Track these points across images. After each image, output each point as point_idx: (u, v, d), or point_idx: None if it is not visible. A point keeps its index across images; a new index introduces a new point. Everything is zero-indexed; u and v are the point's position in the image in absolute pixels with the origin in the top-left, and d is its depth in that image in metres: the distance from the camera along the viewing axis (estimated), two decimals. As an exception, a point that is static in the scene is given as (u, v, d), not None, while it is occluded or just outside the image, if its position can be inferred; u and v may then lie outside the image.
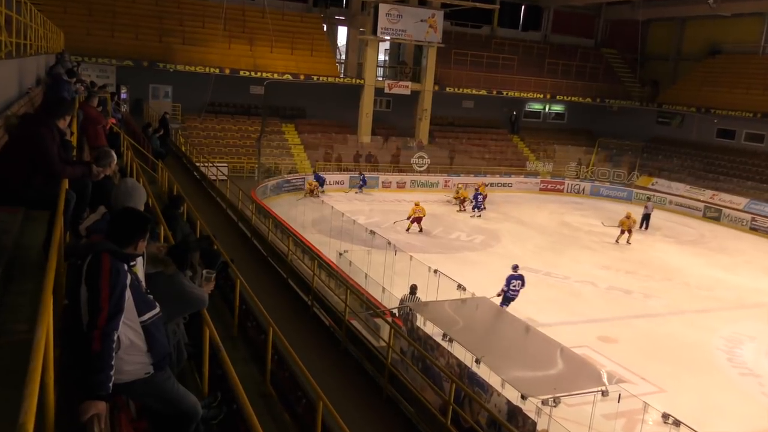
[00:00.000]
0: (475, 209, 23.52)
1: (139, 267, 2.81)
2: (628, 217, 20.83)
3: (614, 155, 32.10)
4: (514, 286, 12.80)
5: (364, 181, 25.93)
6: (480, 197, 23.63)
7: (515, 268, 13.20)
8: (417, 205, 20.17)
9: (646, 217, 23.51)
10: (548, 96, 33.03)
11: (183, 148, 20.25)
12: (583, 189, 29.95)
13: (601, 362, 11.37)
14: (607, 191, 29.53)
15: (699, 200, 27.24)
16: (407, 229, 19.90)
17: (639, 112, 33.77)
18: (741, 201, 26.30)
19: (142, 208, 3.31)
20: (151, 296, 2.74)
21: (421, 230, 20.00)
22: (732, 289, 17.22)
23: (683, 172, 29.95)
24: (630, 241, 20.34)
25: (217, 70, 25.82)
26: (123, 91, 24.67)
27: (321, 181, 24.84)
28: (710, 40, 32.70)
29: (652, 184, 29.65)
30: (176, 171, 13.44)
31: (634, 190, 29.09)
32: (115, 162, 4.74)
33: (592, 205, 27.90)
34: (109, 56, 23.97)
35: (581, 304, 15.26)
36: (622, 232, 20.57)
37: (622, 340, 13.13)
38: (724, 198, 26.88)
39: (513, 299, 12.78)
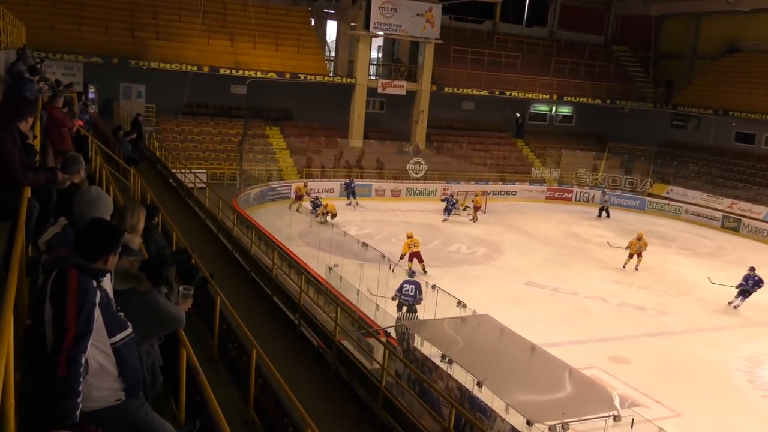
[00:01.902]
0: (446, 212, 24.19)
1: (107, 283, 2.80)
2: (639, 238, 19.69)
3: (626, 161, 32.34)
4: (407, 291, 13.05)
5: (351, 189, 25.33)
6: (452, 201, 24.49)
7: (411, 274, 13.94)
8: (410, 237, 17.29)
9: (605, 209, 25.59)
10: (555, 97, 33.29)
11: (157, 153, 20.22)
12: (593, 197, 30.11)
13: (612, 384, 11.40)
14: (619, 200, 29.71)
15: (717, 209, 27.46)
16: (409, 269, 16.66)
17: (652, 114, 34.10)
18: (762, 210, 26.54)
19: (108, 218, 3.30)
20: (122, 315, 2.73)
21: (424, 269, 17.02)
22: (752, 305, 17.32)
23: (700, 179, 30.21)
24: (638, 267, 19.54)
25: (195, 68, 25.85)
26: (91, 90, 24.66)
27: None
28: (728, 37, 33.15)
29: (667, 192, 29.88)
30: (150, 178, 13.42)
31: (648, 199, 29.30)
32: (83, 168, 4.73)
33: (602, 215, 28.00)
34: (76, 52, 23.94)
35: (591, 322, 15.31)
36: (630, 256, 19.56)
37: (634, 361, 13.19)
38: (744, 207, 27.12)
39: (407, 304, 13.02)
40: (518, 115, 35.19)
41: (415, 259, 17.15)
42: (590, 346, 13.72)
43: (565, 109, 36.41)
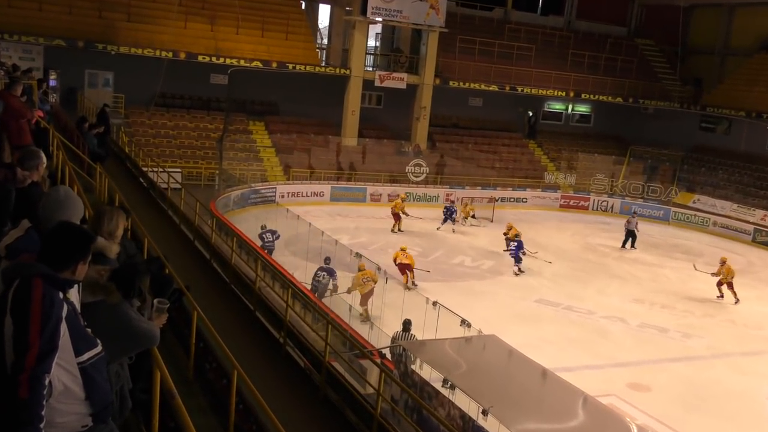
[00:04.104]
0: (447, 221, 23.86)
1: (74, 295, 2.80)
2: (723, 263, 19.06)
3: (649, 166, 32.50)
4: (318, 278, 14.70)
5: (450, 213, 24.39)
6: (453, 210, 24.14)
7: (327, 260, 15.19)
8: (403, 250, 17.64)
9: (630, 234, 23.93)
10: (571, 94, 33.47)
11: (127, 149, 20.21)
12: (612, 206, 30.25)
13: (631, 414, 11.49)
14: (641, 209, 29.77)
15: (748, 222, 27.62)
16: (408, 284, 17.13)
17: (679, 115, 34.30)
18: (799, 223, 26.72)
19: (77, 221, 3.30)
20: (90, 332, 2.73)
21: (411, 282, 17.31)
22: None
23: (730, 187, 30.38)
24: (738, 297, 18.84)
25: (170, 54, 25.87)
26: (52, 77, 24.56)
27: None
28: (763, 31, 33.42)
29: (693, 202, 30.04)
30: (118, 177, 13.41)
31: (672, 209, 29.45)
32: (44, 164, 4.73)
33: (622, 225, 27.99)
34: (36, 33, 23.87)
35: (608, 345, 15.37)
36: (720, 284, 18.93)
37: (656, 388, 13.27)
38: (779, 220, 27.30)
39: (321, 291, 14.45)
40: (531, 113, 35.32)
41: (407, 272, 17.16)
42: (607, 372, 13.78)
43: (582, 108, 36.58)
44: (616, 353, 14.91)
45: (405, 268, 17.29)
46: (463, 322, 11.46)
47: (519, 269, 19.96)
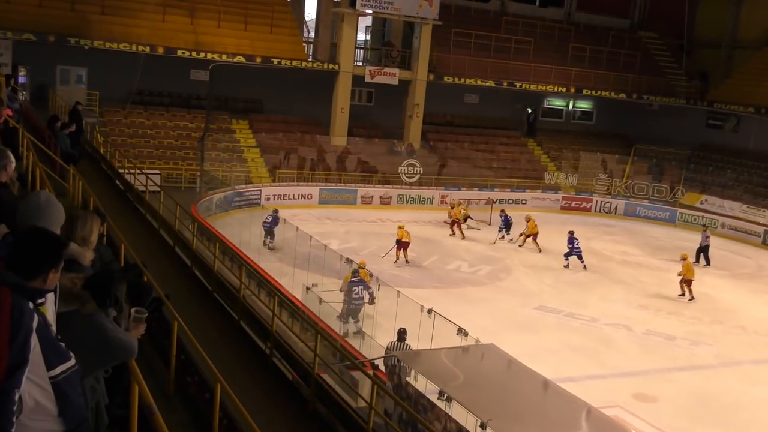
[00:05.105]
0: (502, 230, 23.91)
1: (49, 306, 2.78)
2: (683, 259, 19.54)
3: (654, 166, 32.69)
4: (357, 293, 14.39)
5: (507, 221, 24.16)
6: (507, 217, 24.00)
7: (355, 273, 14.92)
8: (401, 228, 20.58)
9: (703, 251, 23.20)
10: (572, 90, 33.63)
11: (101, 150, 20.13)
12: (616, 208, 30.40)
13: (637, 426, 11.59)
14: (645, 211, 30.01)
15: (758, 223, 27.81)
16: (396, 261, 20.34)
17: (684, 111, 34.51)
18: (811, 225, 26.92)
19: (57, 229, 3.28)
20: (63, 344, 2.71)
21: (407, 260, 20.50)
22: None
23: (738, 187, 30.60)
24: (692, 296, 19.26)
25: (148, 49, 25.82)
26: (22, 73, 24.52)
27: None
28: (772, 23, 33.68)
29: (701, 203, 30.22)
30: (93, 179, 13.39)
31: (679, 210, 29.62)
32: (13, 165, 4.71)
33: (626, 228, 28.31)
34: (4, 27, 23.78)
35: (612, 354, 15.44)
36: (686, 283, 19.30)
37: (662, 399, 13.34)
38: (790, 221, 27.48)
39: (358, 309, 14.43)
40: (530, 110, 35.47)
41: (403, 250, 20.23)
42: (611, 382, 13.86)
43: (584, 105, 36.77)
44: (620, 362, 14.99)
45: (404, 246, 20.09)
46: (460, 330, 11.47)
47: (584, 266, 21.57)
